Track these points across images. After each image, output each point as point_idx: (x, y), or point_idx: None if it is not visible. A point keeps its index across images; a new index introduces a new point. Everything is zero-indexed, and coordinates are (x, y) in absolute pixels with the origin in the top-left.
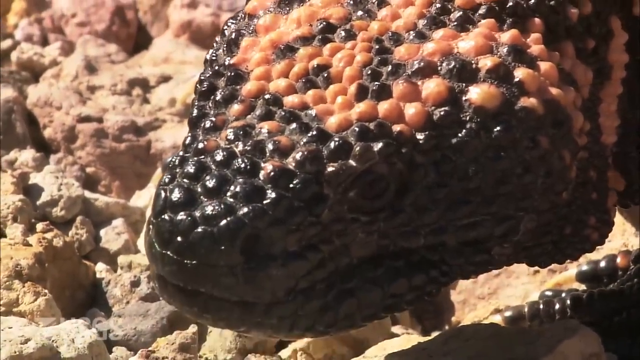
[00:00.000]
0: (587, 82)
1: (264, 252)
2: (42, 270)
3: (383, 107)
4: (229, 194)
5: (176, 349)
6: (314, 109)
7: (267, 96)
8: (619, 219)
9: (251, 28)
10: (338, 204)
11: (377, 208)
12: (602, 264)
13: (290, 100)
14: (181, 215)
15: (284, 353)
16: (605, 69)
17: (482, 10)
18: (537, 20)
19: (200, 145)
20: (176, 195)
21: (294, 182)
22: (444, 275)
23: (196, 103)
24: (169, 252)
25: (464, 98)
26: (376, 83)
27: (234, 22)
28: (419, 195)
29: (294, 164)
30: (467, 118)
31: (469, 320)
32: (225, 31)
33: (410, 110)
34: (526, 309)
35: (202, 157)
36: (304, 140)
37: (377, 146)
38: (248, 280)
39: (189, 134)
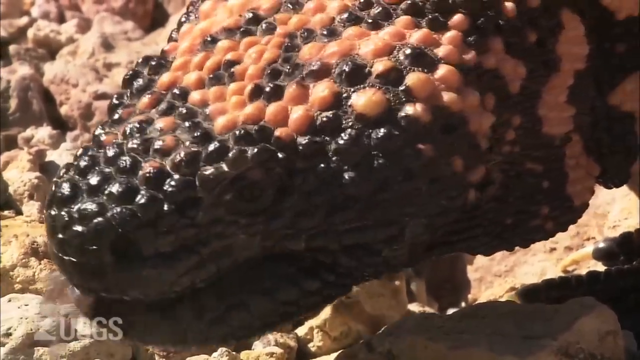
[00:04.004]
0: (518, 77)
1: (135, 253)
2: None
3: (269, 110)
4: (106, 192)
5: None
6: (210, 107)
7: (176, 90)
8: (635, 197)
9: (197, 14)
10: (214, 207)
11: (255, 211)
12: (619, 241)
13: (194, 96)
14: (62, 212)
15: (301, 330)
16: (553, 61)
17: (404, 5)
18: (460, 16)
19: (100, 139)
20: (61, 190)
21: (168, 184)
22: (342, 277)
23: (118, 91)
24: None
25: (348, 103)
26: (271, 84)
27: (194, 4)
28: (298, 199)
29: (170, 166)
30: (349, 124)
31: (485, 298)
32: (183, 15)
33: (295, 114)
34: (542, 286)
35: (97, 151)
36: (188, 141)
37: (252, 152)
38: (119, 280)
39: (100, 124)
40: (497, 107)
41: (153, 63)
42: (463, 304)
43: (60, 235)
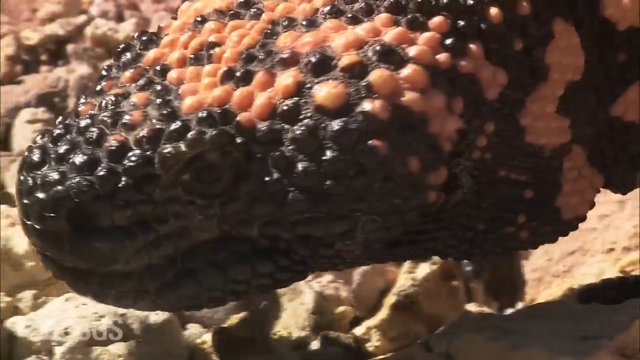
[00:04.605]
0: (497, 84)
1: (91, 224)
2: None
3: (236, 94)
4: (70, 162)
5: (249, 326)
6: (183, 86)
7: (157, 67)
8: None
9: None
10: (171, 185)
11: (212, 193)
12: None
13: (172, 74)
14: (28, 177)
15: (358, 330)
16: (541, 70)
17: (386, 3)
18: (440, 18)
19: (78, 108)
20: (32, 155)
21: (128, 158)
22: (296, 263)
23: (109, 62)
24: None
25: (310, 94)
26: (243, 69)
27: None
28: (253, 186)
29: (132, 141)
30: (308, 114)
31: (543, 298)
32: None
33: (259, 100)
34: (600, 287)
35: (72, 120)
36: (155, 118)
37: (211, 134)
38: (73, 249)
39: (84, 94)
40: (467, 112)
41: (144, 38)
42: (521, 304)
43: (24, 200)
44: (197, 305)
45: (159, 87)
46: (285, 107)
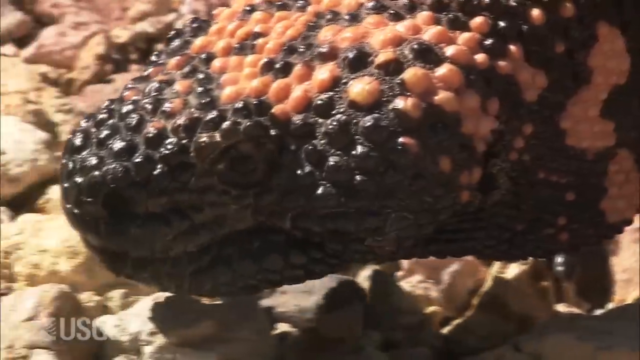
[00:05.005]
0: (537, 86)
1: (127, 209)
2: None
3: (274, 85)
4: (108, 147)
5: (338, 326)
6: (224, 76)
7: (203, 55)
8: None
9: None
10: (206, 174)
11: (246, 184)
12: None
13: (215, 63)
14: (70, 161)
15: (447, 330)
16: (583, 74)
17: (430, 1)
18: (482, 19)
19: (124, 93)
20: (74, 139)
21: (164, 146)
22: (330, 257)
23: (160, 47)
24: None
25: (345, 89)
26: (282, 61)
27: None
28: (286, 178)
29: (170, 129)
30: (341, 110)
31: (633, 299)
32: None
33: (295, 93)
34: None
35: (117, 105)
36: (194, 106)
37: (245, 125)
38: (109, 233)
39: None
40: (504, 113)
41: (195, 25)
42: (610, 305)
43: (64, 184)
44: (231, 292)
45: (201, 76)
46: (319, 102)
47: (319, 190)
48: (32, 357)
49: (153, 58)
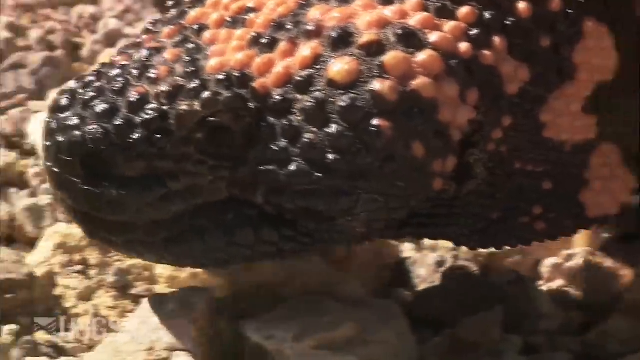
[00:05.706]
0: (519, 79)
1: (104, 172)
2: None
3: (257, 60)
4: (92, 108)
5: (479, 329)
6: (213, 47)
7: (196, 26)
8: None
9: None
10: (183, 142)
11: (223, 155)
12: None
13: (206, 34)
14: (52, 120)
15: (588, 335)
16: (567, 70)
17: None
18: (468, 9)
19: (114, 59)
20: (60, 99)
21: (146, 111)
22: (302, 235)
23: (155, 16)
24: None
25: (324, 67)
26: (270, 36)
27: None
28: (262, 152)
29: (153, 95)
30: (319, 88)
31: None
32: None
33: (277, 68)
34: None
35: (107, 69)
36: (178, 74)
37: (225, 96)
38: (85, 194)
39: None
40: (483, 103)
41: None
42: None
43: (46, 142)
44: (202, 264)
45: (191, 46)
46: (299, 78)
47: (292, 167)
48: (172, 359)
49: (148, 26)
